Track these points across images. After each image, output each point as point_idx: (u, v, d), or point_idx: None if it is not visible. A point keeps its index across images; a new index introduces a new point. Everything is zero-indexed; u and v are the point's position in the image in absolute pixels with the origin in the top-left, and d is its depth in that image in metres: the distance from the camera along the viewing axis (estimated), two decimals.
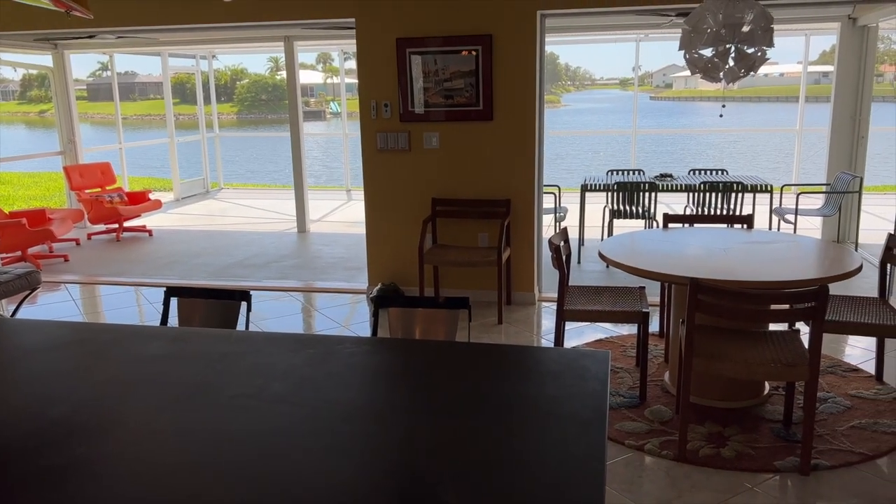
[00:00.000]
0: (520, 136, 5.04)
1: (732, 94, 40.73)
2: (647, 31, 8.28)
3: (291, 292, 5.73)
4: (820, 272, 3.24)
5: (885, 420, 3.34)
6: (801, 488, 2.84)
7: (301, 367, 2.11)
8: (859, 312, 3.50)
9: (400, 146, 5.22)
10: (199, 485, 1.51)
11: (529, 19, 4.84)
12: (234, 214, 9.68)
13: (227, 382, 2.02)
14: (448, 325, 2.51)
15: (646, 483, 2.91)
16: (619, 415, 3.45)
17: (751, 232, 4.17)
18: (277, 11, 5.19)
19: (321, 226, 8.60)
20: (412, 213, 5.31)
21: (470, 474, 1.52)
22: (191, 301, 2.81)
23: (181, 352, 2.26)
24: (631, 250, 3.71)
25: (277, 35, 7.88)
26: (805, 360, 2.90)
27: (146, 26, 5.52)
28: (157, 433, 1.74)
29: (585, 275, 6.06)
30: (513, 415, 1.79)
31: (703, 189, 6.26)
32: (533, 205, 5.15)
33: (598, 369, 2.03)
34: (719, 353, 3.00)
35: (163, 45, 9.44)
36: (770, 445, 3.14)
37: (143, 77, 43.41)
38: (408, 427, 1.75)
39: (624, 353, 4.26)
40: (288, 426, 1.75)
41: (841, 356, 4.17)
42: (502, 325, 4.83)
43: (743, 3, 3.29)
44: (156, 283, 6.03)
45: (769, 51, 3.39)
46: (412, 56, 5.06)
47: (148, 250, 7.39)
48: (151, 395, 1.95)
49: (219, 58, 14.83)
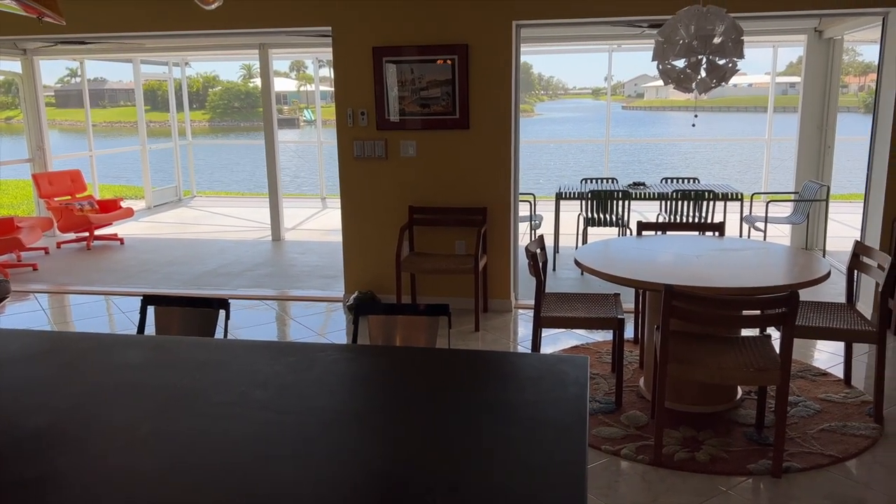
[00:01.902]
0: (496, 144, 5.08)
1: (703, 104, 41.40)
2: (619, 42, 8.41)
3: (266, 301, 5.70)
4: (790, 278, 3.31)
5: (854, 423, 3.42)
6: (773, 490, 2.89)
7: (283, 375, 2.11)
8: (828, 318, 3.59)
9: (377, 154, 5.23)
10: (180, 494, 1.50)
11: (505, 29, 4.90)
12: (208, 222, 9.59)
13: (208, 390, 2.01)
14: (428, 331, 2.53)
15: (622, 487, 2.94)
16: (595, 420, 3.49)
17: (722, 239, 4.25)
18: (254, 19, 5.18)
19: (296, 234, 8.56)
20: (389, 220, 5.32)
21: (453, 479, 1.53)
22: (168, 309, 2.79)
23: (160, 360, 2.25)
24: (605, 257, 3.76)
25: (252, 42, 7.85)
26: (776, 365, 2.96)
27: (121, 33, 5.47)
28: (137, 442, 1.72)
29: (561, 282, 6.11)
30: (495, 420, 1.81)
31: (675, 197, 6.36)
32: (509, 213, 5.19)
33: (577, 374, 2.06)
34: (693, 359, 3.05)
35: (135, 52, 9.35)
36: (743, 449, 3.20)
37: (114, 83, 42.86)
38: (391, 433, 1.76)
39: (599, 359, 4.30)
40: (271, 433, 1.75)
41: (811, 361, 4.26)
42: (479, 333, 4.85)
43: (714, 16, 3.37)
44: (128, 292, 5.95)
45: (739, 62, 3.47)
46: (388, 65, 5.08)
47: (119, 259, 7.29)
48: (131, 403, 1.94)
49: (191, 65, 14.71)
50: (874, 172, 4.86)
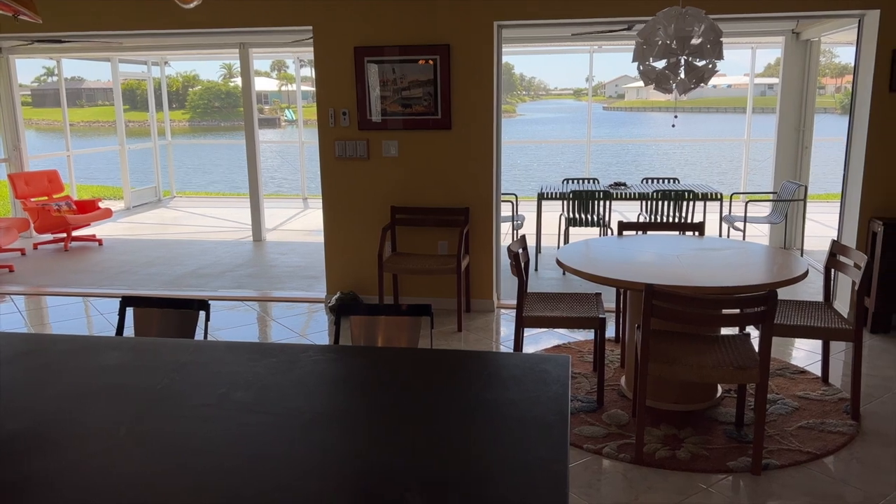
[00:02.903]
0: (478, 144, 5.08)
1: (683, 104, 41.74)
2: (600, 43, 8.46)
3: (247, 302, 5.66)
4: (768, 278, 3.35)
5: (832, 420, 3.46)
6: (753, 488, 2.92)
7: (264, 376, 2.10)
8: (806, 316, 3.63)
9: (359, 154, 5.21)
10: (160, 497, 1.49)
11: (486, 29, 4.91)
12: (188, 223, 9.51)
13: (189, 392, 1.99)
14: (411, 332, 2.52)
15: (604, 486, 2.96)
16: (577, 419, 3.50)
17: (702, 239, 4.28)
18: (234, 18, 5.14)
19: (277, 234, 8.51)
20: (371, 221, 5.31)
21: (436, 479, 1.53)
22: (147, 311, 2.76)
23: (140, 362, 2.22)
24: (587, 257, 3.78)
25: (232, 42, 7.80)
26: (755, 363, 2.99)
27: (98, 31, 5.40)
28: (116, 445, 1.70)
29: (543, 282, 6.13)
30: (477, 419, 1.81)
31: (655, 197, 6.41)
32: (491, 213, 5.20)
33: (558, 373, 2.07)
34: (674, 358, 3.07)
35: (113, 51, 9.25)
36: (723, 446, 3.23)
37: (91, 83, 42.36)
38: (372, 434, 1.76)
39: (581, 358, 4.32)
40: (251, 435, 1.73)
41: (789, 359, 4.31)
42: (462, 333, 4.85)
43: (693, 17, 3.40)
44: (106, 294, 5.88)
45: (718, 63, 3.50)
46: (370, 64, 5.06)
47: (98, 260, 7.20)
48: (110, 406, 1.91)
49: (171, 64, 14.58)
50: (850, 173, 4.93)
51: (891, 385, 3.90)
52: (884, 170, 4.71)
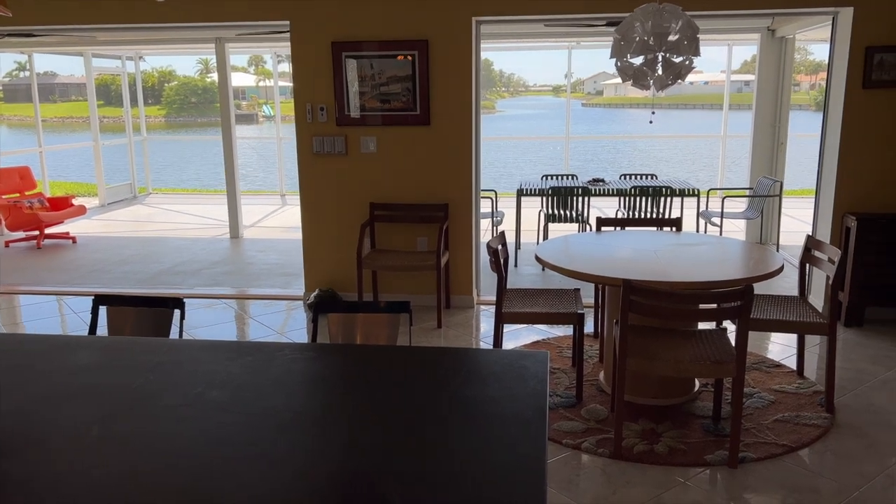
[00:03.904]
0: (457, 140, 5.07)
1: (661, 101, 42.04)
2: (578, 39, 8.48)
3: (224, 300, 5.60)
4: (745, 272, 3.38)
5: (807, 413, 3.50)
6: (729, 481, 2.95)
7: (240, 375, 2.07)
8: (781, 311, 3.67)
9: (337, 150, 5.18)
10: (131, 499, 1.46)
11: (464, 25, 4.89)
12: (164, 220, 9.39)
13: (163, 391, 1.96)
14: (389, 329, 2.51)
15: (583, 481, 2.97)
16: (556, 415, 3.51)
17: (679, 234, 4.31)
18: (209, 13, 5.07)
19: (255, 231, 8.44)
20: (350, 217, 5.28)
21: (414, 477, 1.52)
22: (121, 309, 2.71)
23: (113, 361, 2.18)
24: (566, 253, 3.78)
25: (208, 37, 7.70)
26: (732, 358, 3.02)
27: (71, 25, 5.31)
28: (88, 446, 1.67)
29: (522, 277, 6.14)
30: (455, 416, 1.80)
31: (633, 193, 6.44)
32: (471, 209, 5.19)
33: (537, 369, 2.07)
34: (651, 353, 3.09)
35: (86, 45, 9.10)
36: (700, 440, 3.25)
37: (65, 77, 41.69)
38: (351, 432, 1.74)
39: (560, 354, 4.34)
40: (227, 435, 1.71)
41: (765, 353, 4.36)
42: (441, 329, 4.84)
43: (670, 14, 3.41)
44: (80, 292, 5.79)
45: (695, 60, 3.52)
46: (348, 60, 5.03)
47: (71, 258, 7.09)
48: (82, 406, 1.88)
49: (146, 59, 14.39)
50: (824, 169, 4.99)
51: (864, 378, 3.95)
52: (857, 166, 4.77)
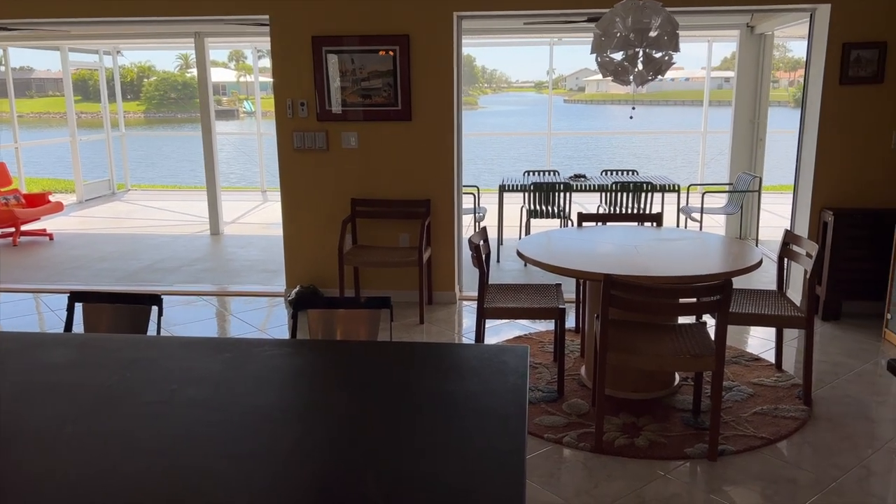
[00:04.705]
0: (439, 136, 5.06)
1: (642, 97, 42.25)
2: (560, 35, 8.50)
3: (204, 297, 5.55)
4: (724, 267, 3.40)
5: (785, 405, 3.54)
6: (709, 473, 2.97)
7: (217, 372, 2.05)
8: (760, 305, 3.70)
9: (317, 146, 5.14)
10: (108, 498, 1.44)
11: (446, 20, 4.87)
12: (143, 217, 9.29)
13: (139, 389, 1.93)
14: (369, 325, 2.50)
15: (564, 475, 2.98)
16: (538, 409, 3.52)
17: (660, 230, 4.34)
18: (187, 6, 5.02)
19: (235, 228, 8.38)
20: (331, 213, 5.25)
21: (393, 473, 1.51)
22: (97, 306, 2.68)
23: (88, 359, 2.15)
24: (547, 249, 3.79)
25: (187, 31, 7.62)
26: (711, 352, 3.04)
27: (46, 19, 5.22)
28: (62, 444, 1.64)
29: (504, 273, 6.15)
30: (435, 412, 1.79)
31: (614, 189, 6.47)
32: (453, 205, 5.18)
33: (517, 364, 2.07)
34: (632, 347, 3.10)
35: (62, 39, 8.96)
36: (680, 433, 3.27)
37: (41, 72, 41.10)
38: (329, 429, 1.73)
39: (542, 348, 4.34)
40: (204, 432, 1.69)
41: (744, 346, 4.40)
42: (424, 325, 4.83)
43: (650, 9, 3.42)
44: (57, 290, 5.71)
45: (675, 55, 3.53)
46: (329, 55, 5.00)
47: (48, 255, 6.99)
48: (56, 404, 1.85)
49: (124, 54, 14.20)
50: (802, 164, 5.04)
51: (840, 370, 4.00)
52: (834, 161, 4.82)
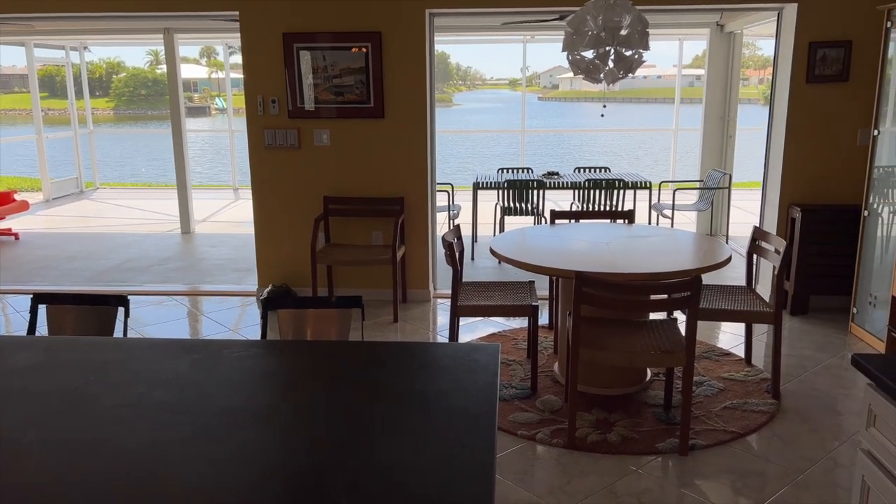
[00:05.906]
0: (412, 133, 5.04)
1: (613, 94, 42.58)
2: (533, 33, 8.52)
3: (175, 296, 5.48)
4: (694, 263, 3.44)
5: (754, 400, 3.59)
6: (680, 468, 3.00)
7: (185, 374, 2.02)
8: (730, 300, 3.75)
9: (289, 143, 5.10)
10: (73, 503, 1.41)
11: (418, 17, 4.86)
12: (112, 216, 9.15)
13: (104, 392, 1.90)
14: (340, 324, 2.48)
15: (538, 471, 2.99)
16: (511, 406, 3.53)
17: (632, 226, 4.37)
18: (155, 3, 4.93)
19: (207, 226, 8.28)
20: (303, 211, 5.21)
21: (362, 475, 1.50)
22: (61, 308, 2.62)
23: (52, 362, 2.11)
24: (521, 246, 3.80)
25: (156, 27, 7.50)
26: (682, 347, 3.07)
27: (8, 14, 5.10)
28: (21, 452, 1.60)
29: (479, 271, 6.15)
30: (406, 411, 1.78)
31: (587, 186, 6.50)
32: (426, 202, 5.17)
33: (488, 362, 2.07)
34: (604, 343, 3.12)
35: (27, 35, 8.78)
36: (652, 429, 3.30)
37: (6, 69, 40.19)
38: (298, 431, 1.71)
39: (516, 345, 4.36)
40: (172, 436, 1.66)
41: (714, 342, 4.45)
42: (398, 324, 4.82)
43: (621, 8, 3.44)
44: (24, 291, 5.60)
45: (646, 54, 3.55)
46: (300, 52, 4.95)
47: (14, 255, 6.85)
48: (18, 409, 1.81)
49: (92, 49, 13.96)
50: (771, 161, 5.11)
51: (808, 364, 4.07)
52: (801, 158, 4.90)
